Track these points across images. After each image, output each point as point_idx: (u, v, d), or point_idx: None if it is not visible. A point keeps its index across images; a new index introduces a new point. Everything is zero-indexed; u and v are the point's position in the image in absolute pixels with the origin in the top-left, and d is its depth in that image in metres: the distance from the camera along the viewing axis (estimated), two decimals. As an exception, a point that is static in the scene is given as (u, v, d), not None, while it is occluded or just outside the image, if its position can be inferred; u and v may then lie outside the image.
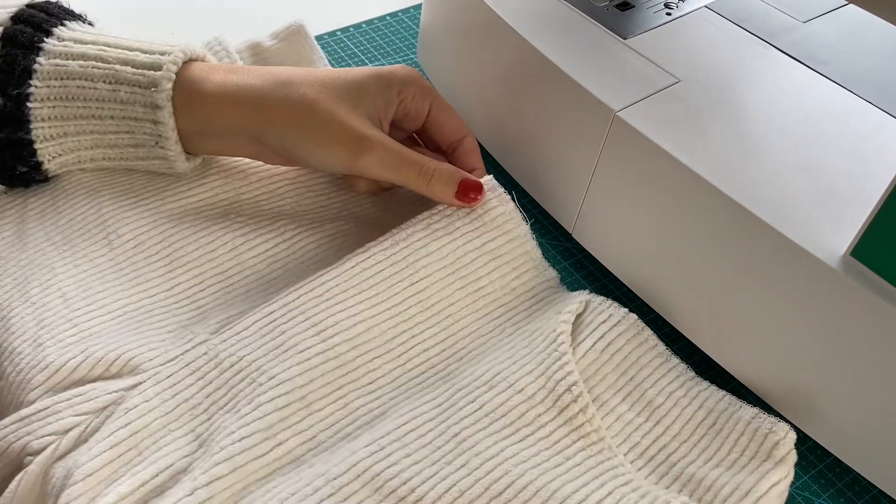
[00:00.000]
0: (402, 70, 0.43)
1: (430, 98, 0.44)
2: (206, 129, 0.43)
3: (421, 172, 0.41)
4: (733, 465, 0.36)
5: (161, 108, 0.41)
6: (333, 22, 0.64)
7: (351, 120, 0.41)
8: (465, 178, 0.41)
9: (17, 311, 0.39)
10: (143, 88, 0.41)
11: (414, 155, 0.41)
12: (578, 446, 0.35)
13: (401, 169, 0.41)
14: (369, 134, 0.41)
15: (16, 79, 0.40)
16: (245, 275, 0.42)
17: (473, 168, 0.44)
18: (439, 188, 0.41)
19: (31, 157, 0.42)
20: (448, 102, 0.45)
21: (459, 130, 0.45)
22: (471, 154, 0.45)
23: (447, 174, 0.41)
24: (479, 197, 0.41)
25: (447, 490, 0.33)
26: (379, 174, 0.42)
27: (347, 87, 0.42)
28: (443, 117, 0.44)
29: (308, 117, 0.41)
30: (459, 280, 0.41)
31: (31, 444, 0.34)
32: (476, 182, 0.42)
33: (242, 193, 0.46)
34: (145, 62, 0.41)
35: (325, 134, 0.41)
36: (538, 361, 0.37)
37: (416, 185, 0.41)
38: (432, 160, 0.42)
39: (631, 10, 0.47)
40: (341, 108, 0.41)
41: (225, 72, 0.42)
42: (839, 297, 0.34)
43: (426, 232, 0.41)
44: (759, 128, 0.40)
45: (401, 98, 0.43)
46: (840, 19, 0.47)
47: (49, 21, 0.42)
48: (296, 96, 0.41)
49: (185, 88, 0.41)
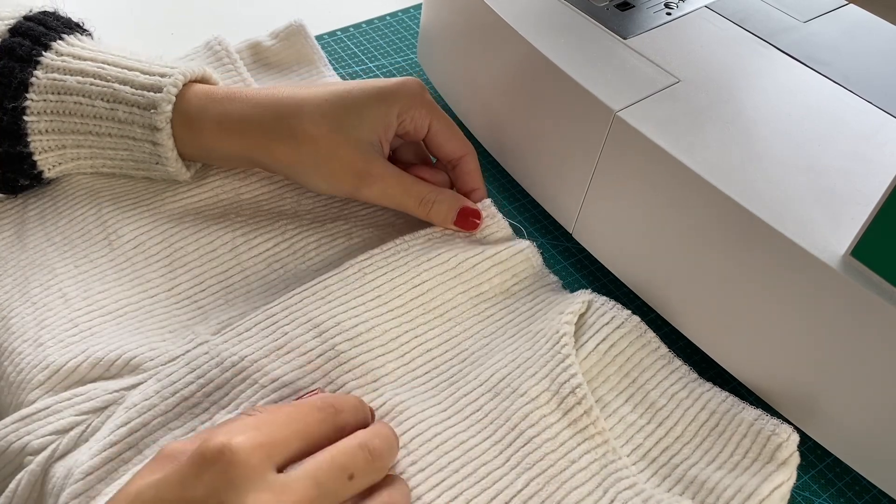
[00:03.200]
0: (403, 89, 0.42)
1: (430, 118, 0.43)
2: (205, 154, 0.43)
3: (421, 203, 0.43)
4: (736, 467, 0.36)
5: (160, 130, 0.41)
6: (333, 22, 0.64)
7: (353, 155, 0.41)
8: (464, 206, 0.43)
9: (17, 312, 0.39)
10: (142, 109, 0.41)
11: (415, 186, 0.42)
12: (583, 448, 0.35)
13: (401, 200, 0.43)
14: (371, 170, 0.41)
15: (12, 91, 0.40)
16: (245, 275, 0.42)
17: (473, 189, 0.45)
18: (440, 217, 0.43)
19: (31, 169, 0.42)
20: (449, 119, 0.44)
21: (459, 149, 0.45)
22: (470, 175, 0.45)
23: (447, 205, 0.43)
24: (478, 225, 0.43)
25: (453, 498, 0.33)
26: (380, 203, 0.43)
27: (347, 112, 0.41)
28: (441, 136, 0.44)
29: (310, 154, 0.41)
30: (461, 284, 0.41)
31: (32, 443, 0.34)
32: (475, 210, 0.43)
33: (242, 193, 0.46)
34: (145, 83, 0.41)
35: (327, 169, 0.42)
36: (542, 364, 0.37)
37: (417, 214, 0.43)
38: (433, 190, 0.43)
39: (631, 10, 0.47)
40: (343, 140, 0.41)
41: (224, 100, 0.42)
42: (839, 297, 0.34)
43: (427, 242, 0.42)
44: (758, 128, 0.40)
45: (400, 120, 0.43)
46: (840, 19, 0.47)
47: (48, 35, 0.42)
48: (297, 131, 0.41)
49: (184, 114, 0.41)
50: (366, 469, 0.30)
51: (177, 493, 0.27)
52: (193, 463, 0.27)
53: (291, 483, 0.27)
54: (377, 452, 0.30)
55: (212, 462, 0.27)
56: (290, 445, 0.29)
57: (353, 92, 0.42)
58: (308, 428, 0.30)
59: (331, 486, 0.28)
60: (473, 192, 0.45)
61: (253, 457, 0.27)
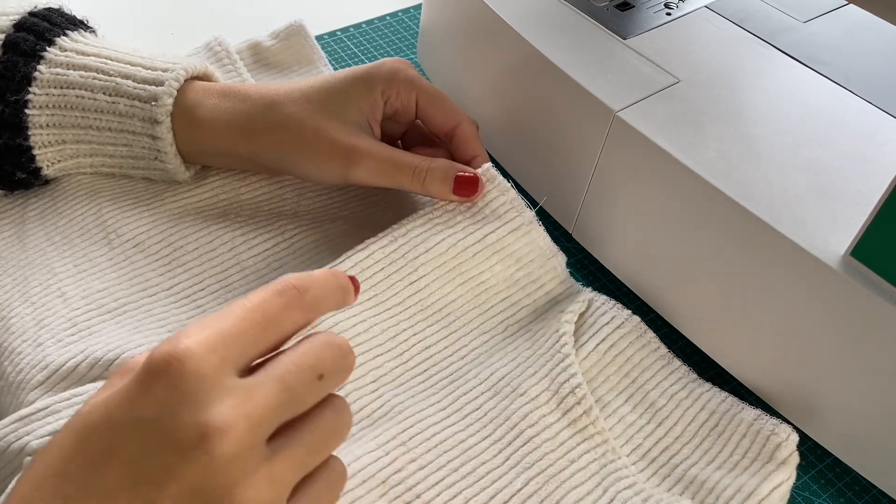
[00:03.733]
0: (383, 67, 0.42)
1: (416, 91, 0.42)
2: (201, 150, 0.43)
3: (414, 174, 0.41)
4: (735, 467, 0.36)
5: (160, 123, 0.41)
6: (333, 22, 0.64)
7: (338, 134, 0.41)
8: (460, 173, 0.41)
9: (17, 311, 0.39)
10: (143, 102, 0.41)
11: (405, 157, 0.41)
12: (583, 448, 0.35)
13: (393, 174, 0.41)
14: (357, 145, 0.40)
15: (15, 85, 0.40)
16: (245, 275, 0.42)
17: (473, 156, 0.43)
18: (435, 187, 0.41)
19: (29, 163, 0.42)
20: (438, 90, 0.43)
21: (452, 118, 0.43)
22: (468, 141, 0.43)
23: (441, 172, 0.41)
24: (477, 189, 0.41)
25: (452, 498, 0.33)
26: (373, 182, 0.41)
27: (331, 96, 0.41)
28: (431, 108, 0.43)
29: (296, 137, 0.41)
30: (460, 276, 0.40)
31: (31, 444, 0.34)
32: (472, 176, 0.41)
33: (242, 193, 0.46)
34: (147, 77, 0.41)
35: (314, 151, 0.41)
36: (542, 364, 0.37)
37: (412, 187, 0.41)
38: (425, 159, 0.41)
39: (631, 10, 0.47)
40: (328, 121, 0.41)
41: (218, 96, 0.42)
42: (839, 297, 0.34)
43: (425, 227, 0.41)
44: (758, 128, 0.40)
45: (385, 97, 0.42)
46: (840, 19, 0.47)
47: (52, 30, 0.42)
48: (282, 118, 0.41)
49: (183, 109, 0.42)
50: (336, 367, 0.27)
51: (126, 412, 0.24)
52: (140, 377, 0.24)
53: (255, 388, 0.24)
54: (346, 348, 0.27)
55: (159, 375, 0.23)
56: (249, 342, 0.25)
57: (336, 77, 0.42)
58: (269, 318, 0.26)
59: (300, 389, 0.25)
60: (474, 160, 0.43)
61: (205, 363, 0.24)
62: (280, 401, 0.25)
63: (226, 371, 0.24)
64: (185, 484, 0.23)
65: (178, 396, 0.23)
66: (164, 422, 0.23)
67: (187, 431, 0.23)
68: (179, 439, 0.23)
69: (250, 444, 0.24)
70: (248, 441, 0.23)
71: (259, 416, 0.24)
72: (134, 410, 0.24)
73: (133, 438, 0.23)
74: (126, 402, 0.24)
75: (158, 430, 0.23)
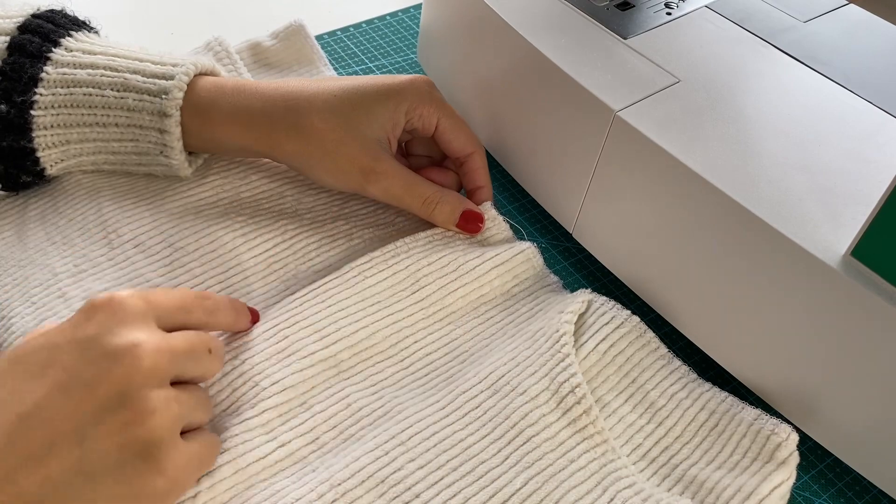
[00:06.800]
0: (412, 87, 0.42)
1: (439, 115, 0.44)
2: (212, 145, 0.43)
3: (424, 203, 0.43)
4: (735, 467, 0.36)
5: (169, 117, 0.41)
6: (333, 22, 0.64)
7: (359, 151, 0.41)
8: (467, 209, 0.43)
9: (17, 311, 0.39)
10: (153, 96, 0.41)
11: (419, 186, 0.43)
12: (583, 448, 0.35)
13: (405, 198, 0.43)
14: (376, 167, 0.41)
15: (22, 86, 0.40)
16: (245, 275, 0.42)
17: (479, 187, 0.45)
18: (441, 218, 0.43)
19: (34, 166, 0.42)
20: (458, 116, 0.44)
21: (467, 147, 0.45)
22: (477, 172, 0.45)
23: (450, 206, 0.43)
24: (480, 227, 0.44)
25: (452, 497, 0.33)
26: (384, 201, 0.43)
27: (356, 110, 0.41)
28: (450, 134, 0.44)
29: (317, 148, 0.41)
30: (461, 288, 0.41)
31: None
32: (478, 214, 0.44)
33: (242, 193, 0.46)
34: (156, 72, 0.42)
35: (333, 164, 0.42)
36: (541, 363, 0.37)
37: (419, 213, 0.43)
38: (437, 189, 0.43)
39: (631, 10, 0.47)
40: (350, 137, 0.41)
41: (233, 92, 0.42)
42: (839, 297, 0.34)
43: (428, 244, 0.42)
44: (759, 128, 0.40)
45: (409, 117, 0.43)
46: (840, 19, 0.47)
47: (57, 31, 0.42)
48: (305, 125, 0.41)
49: (194, 104, 0.42)
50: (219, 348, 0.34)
51: (68, 335, 0.30)
52: (84, 310, 0.31)
53: (171, 336, 0.31)
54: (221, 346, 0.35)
55: (100, 308, 0.30)
56: (168, 310, 0.32)
57: (361, 88, 0.42)
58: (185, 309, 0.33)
59: (199, 351, 0.32)
60: (479, 190, 0.45)
61: (137, 305, 0.31)
62: (186, 350, 0.31)
63: (150, 318, 0.31)
64: (112, 386, 0.28)
65: (115, 320, 0.30)
66: (101, 338, 0.29)
67: (121, 343, 0.29)
68: (115, 348, 0.29)
69: (164, 366, 0.30)
70: (163, 362, 0.30)
71: (172, 351, 0.31)
72: (76, 333, 0.30)
73: (71, 352, 0.29)
74: (69, 329, 0.30)
75: (96, 344, 0.29)
